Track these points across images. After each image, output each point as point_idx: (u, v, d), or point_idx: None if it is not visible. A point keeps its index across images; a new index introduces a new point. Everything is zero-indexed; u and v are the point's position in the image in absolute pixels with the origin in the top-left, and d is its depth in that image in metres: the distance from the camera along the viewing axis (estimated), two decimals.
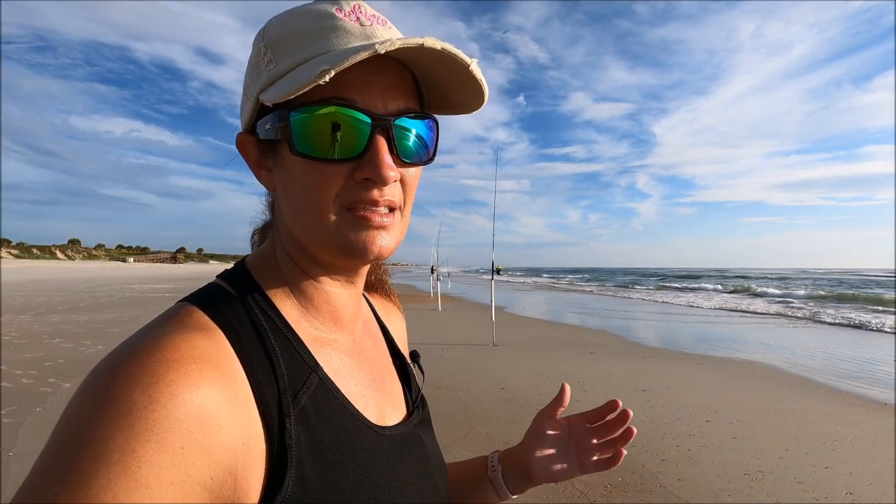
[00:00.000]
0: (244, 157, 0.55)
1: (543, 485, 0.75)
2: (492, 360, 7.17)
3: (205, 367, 0.42)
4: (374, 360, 0.62)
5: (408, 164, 0.52)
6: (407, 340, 0.79)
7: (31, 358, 6.71)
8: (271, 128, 0.50)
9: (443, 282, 17.29)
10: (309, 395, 0.49)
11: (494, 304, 9.21)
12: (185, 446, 0.38)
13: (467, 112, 0.57)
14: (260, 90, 0.50)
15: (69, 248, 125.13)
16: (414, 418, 0.63)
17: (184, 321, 0.46)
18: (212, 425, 0.40)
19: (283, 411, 0.47)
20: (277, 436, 0.45)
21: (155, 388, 0.39)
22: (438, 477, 0.61)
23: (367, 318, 0.67)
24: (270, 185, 0.55)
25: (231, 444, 0.42)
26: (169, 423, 0.38)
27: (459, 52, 0.48)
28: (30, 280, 27.38)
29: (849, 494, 3.23)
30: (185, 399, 0.39)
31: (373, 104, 0.49)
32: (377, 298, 0.76)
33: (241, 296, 0.52)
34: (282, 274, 0.56)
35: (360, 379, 0.57)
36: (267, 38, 0.51)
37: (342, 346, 0.58)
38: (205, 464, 0.39)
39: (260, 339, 0.49)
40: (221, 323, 0.48)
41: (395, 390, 0.64)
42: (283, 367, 0.49)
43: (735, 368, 6.91)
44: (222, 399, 0.42)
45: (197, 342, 0.44)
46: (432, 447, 0.64)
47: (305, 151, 0.48)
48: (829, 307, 17.04)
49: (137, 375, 0.39)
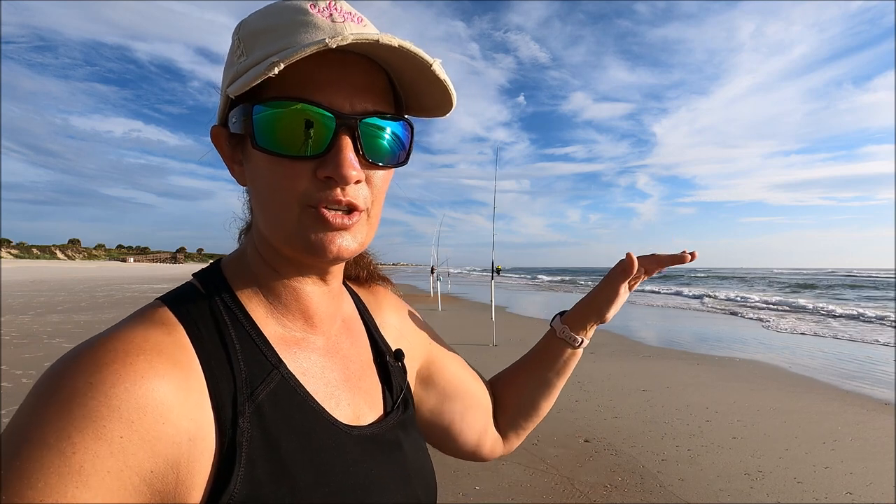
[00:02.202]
0: (218, 150, 0.55)
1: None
2: (492, 360, 7.17)
3: (155, 358, 0.42)
4: (352, 359, 0.61)
5: (376, 165, 0.51)
6: (413, 312, 0.79)
7: (31, 358, 6.70)
8: (237, 121, 0.50)
9: (443, 282, 17.28)
10: (268, 392, 0.49)
11: (494, 304, 9.21)
12: (124, 436, 0.38)
13: (441, 115, 0.57)
14: (229, 83, 0.50)
15: (69, 248, 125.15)
16: (391, 418, 0.60)
17: (148, 317, 0.47)
18: (156, 417, 0.40)
19: (238, 408, 0.46)
20: (229, 433, 0.45)
21: (97, 377, 0.39)
22: (418, 480, 0.59)
23: (349, 316, 0.66)
24: (242, 179, 0.55)
25: (176, 438, 0.41)
26: (108, 411, 0.38)
27: (420, 51, 0.47)
28: (30, 280, 27.39)
29: (849, 494, 3.23)
30: (128, 388, 0.39)
31: (339, 103, 0.48)
32: (368, 292, 0.74)
33: (209, 294, 0.52)
34: (252, 272, 0.55)
35: (331, 379, 0.56)
36: (242, 31, 0.52)
37: (314, 345, 0.57)
38: (145, 455, 0.39)
39: (221, 337, 0.49)
40: (184, 319, 0.48)
41: (374, 390, 0.62)
42: (242, 364, 0.48)
43: (735, 368, 6.90)
44: (171, 391, 0.42)
45: (153, 335, 0.45)
46: (414, 449, 0.61)
47: (266, 146, 0.47)
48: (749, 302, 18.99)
49: (84, 365, 0.40)
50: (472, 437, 0.77)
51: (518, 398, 0.81)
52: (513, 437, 0.83)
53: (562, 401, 5.07)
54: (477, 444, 0.78)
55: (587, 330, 0.79)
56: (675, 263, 0.75)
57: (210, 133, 0.55)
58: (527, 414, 0.82)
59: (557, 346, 0.80)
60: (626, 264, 0.75)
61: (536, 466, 3.51)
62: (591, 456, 3.76)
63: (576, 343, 0.79)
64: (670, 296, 23.04)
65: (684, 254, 0.74)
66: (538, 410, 0.82)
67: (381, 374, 0.64)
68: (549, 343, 0.81)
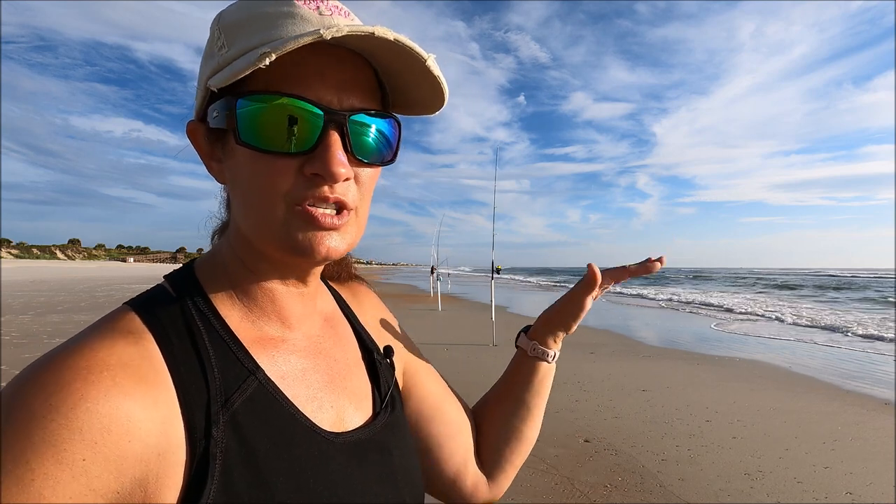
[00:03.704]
0: (195, 146, 0.53)
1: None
2: (492, 360, 7.17)
3: (119, 374, 0.40)
4: (337, 358, 0.59)
5: (364, 163, 0.50)
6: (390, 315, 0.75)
7: (31, 358, 6.66)
8: (218, 115, 0.47)
9: (443, 282, 17.28)
10: (244, 399, 0.46)
11: (494, 304, 9.21)
12: (87, 458, 0.37)
13: (429, 113, 0.55)
14: (209, 75, 0.48)
15: (69, 248, 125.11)
16: (379, 421, 0.58)
17: (114, 326, 0.45)
18: (121, 435, 0.38)
19: (211, 418, 0.44)
20: (202, 444, 0.43)
21: (57, 397, 0.37)
22: (406, 485, 0.57)
23: (331, 314, 0.64)
24: (221, 177, 0.52)
25: (144, 455, 0.39)
26: (69, 433, 0.36)
27: (415, 46, 0.45)
28: (30, 280, 27.37)
29: (849, 494, 3.23)
30: (90, 408, 0.37)
31: (327, 98, 0.46)
32: (346, 288, 0.72)
33: (179, 298, 0.50)
34: (227, 274, 0.53)
35: (313, 381, 0.54)
36: (222, 22, 0.49)
37: (294, 346, 0.55)
38: (111, 477, 0.38)
39: (193, 344, 0.47)
40: (153, 327, 0.46)
41: (361, 390, 0.59)
42: (216, 371, 0.46)
43: (735, 368, 6.91)
44: (137, 407, 0.40)
45: (118, 348, 0.42)
46: (402, 453, 0.59)
47: (251, 142, 0.46)
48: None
49: (44, 383, 0.38)
50: (449, 468, 0.71)
51: (498, 426, 0.75)
52: (499, 474, 0.75)
53: (562, 401, 5.07)
54: (455, 477, 0.71)
55: (556, 342, 0.75)
56: (643, 273, 0.70)
57: (186, 128, 0.53)
58: (509, 443, 0.75)
59: (530, 365, 0.74)
60: (589, 278, 0.71)
61: (536, 466, 3.50)
62: (591, 456, 3.76)
63: (548, 357, 0.74)
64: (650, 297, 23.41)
65: (649, 262, 0.70)
66: (521, 437, 0.75)
67: (369, 373, 0.62)
68: (521, 363, 0.75)
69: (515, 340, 0.77)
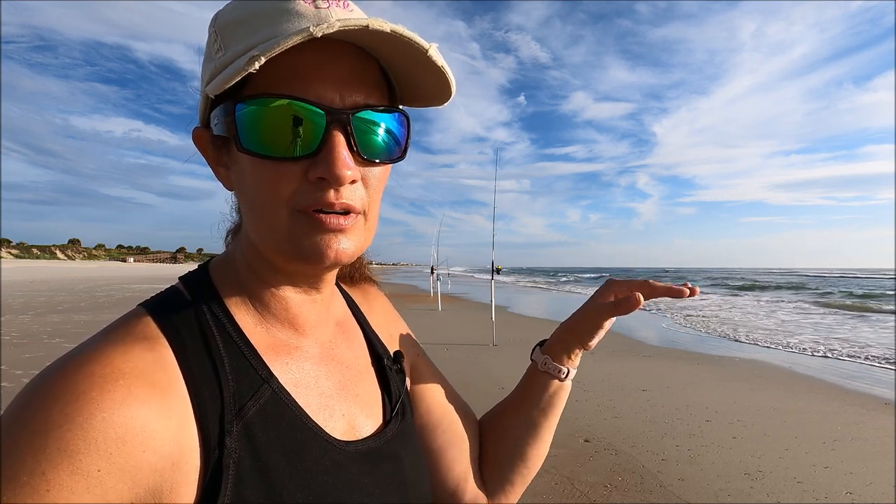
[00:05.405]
0: (202, 153, 0.52)
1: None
2: (492, 360, 7.17)
3: (134, 382, 0.40)
4: (349, 364, 0.58)
5: (371, 162, 0.48)
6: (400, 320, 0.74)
7: (31, 358, 6.70)
8: (219, 122, 0.46)
9: (443, 282, 17.28)
10: (257, 408, 0.46)
11: (494, 304, 9.21)
12: (102, 469, 0.36)
13: (438, 104, 0.53)
14: (208, 81, 0.46)
15: (69, 248, 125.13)
16: (390, 429, 0.57)
17: (129, 330, 0.44)
18: (136, 445, 0.38)
19: (225, 427, 0.43)
20: (216, 453, 0.43)
21: (73, 407, 0.37)
22: (415, 495, 0.56)
23: (343, 319, 0.63)
24: (228, 183, 0.51)
25: (158, 465, 0.39)
26: (85, 444, 0.36)
27: (414, 36, 0.43)
28: (30, 280, 27.38)
29: (849, 494, 3.23)
30: (106, 418, 0.37)
31: (328, 97, 0.44)
32: (358, 290, 0.71)
33: (195, 302, 0.49)
34: (240, 279, 0.52)
35: (326, 388, 0.53)
36: (217, 23, 0.48)
37: (307, 353, 0.54)
38: (125, 487, 0.37)
39: (207, 350, 0.46)
40: (168, 332, 0.45)
41: (372, 396, 0.58)
42: (231, 379, 0.46)
43: (735, 368, 6.91)
44: (152, 417, 0.39)
45: (134, 355, 0.42)
46: (412, 461, 0.58)
47: (253, 149, 0.44)
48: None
49: (59, 392, 0.38)
50: (450, 480, 0.69)
51: (503, 444, 0.71)
52: (499, 494, 0.72)
53: None
54: (454, 491, 0.69)
55: (572, 358, 0.69)
56: (671, 296, 0.62)
57: (192, 135, 0.52)
58: (512, 463, 0.71)
59: (541, 380, 0.70)
60: (623, 303, 0.63)
61: None
62: (591, 456, 3.76)
63: (562, 375, 0.69)
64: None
65: (684, 287, 0.62)
66: (525, 459, 0.71)
67: (379, 379, 0.61)
68: (532, 377, 0.71)
69: (531, 353, 0.73)
